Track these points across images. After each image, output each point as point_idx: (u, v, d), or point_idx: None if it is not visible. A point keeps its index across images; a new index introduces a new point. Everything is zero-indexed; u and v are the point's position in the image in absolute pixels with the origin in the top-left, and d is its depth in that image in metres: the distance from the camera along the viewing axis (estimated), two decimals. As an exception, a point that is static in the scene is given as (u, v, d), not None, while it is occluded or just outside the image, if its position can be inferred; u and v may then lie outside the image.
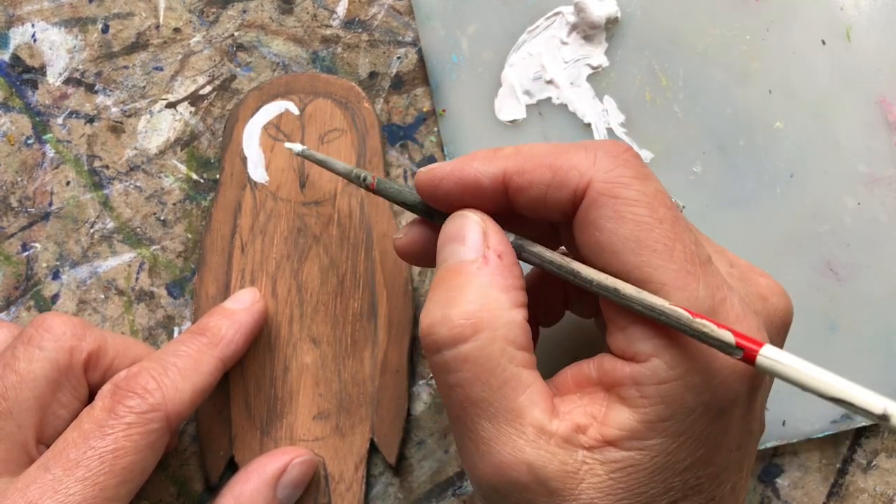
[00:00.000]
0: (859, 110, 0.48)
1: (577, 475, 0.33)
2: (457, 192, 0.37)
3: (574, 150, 0.36)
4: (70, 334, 0.42)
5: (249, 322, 0.45)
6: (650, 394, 0.33)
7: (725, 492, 0.36)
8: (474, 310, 0.34)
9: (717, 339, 0.32)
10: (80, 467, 0.38)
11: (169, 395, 0.41)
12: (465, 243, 0.36)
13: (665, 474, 0.34)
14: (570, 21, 0.49)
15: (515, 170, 0.36)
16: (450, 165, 0.37)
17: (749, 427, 0.36)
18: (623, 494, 0.33)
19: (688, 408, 0.33)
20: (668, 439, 0.33)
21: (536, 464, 0.33)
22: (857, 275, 0.48)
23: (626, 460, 0.33)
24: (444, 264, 0.37)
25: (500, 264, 0.36)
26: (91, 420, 0.40)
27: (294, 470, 0.45)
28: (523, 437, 0.34)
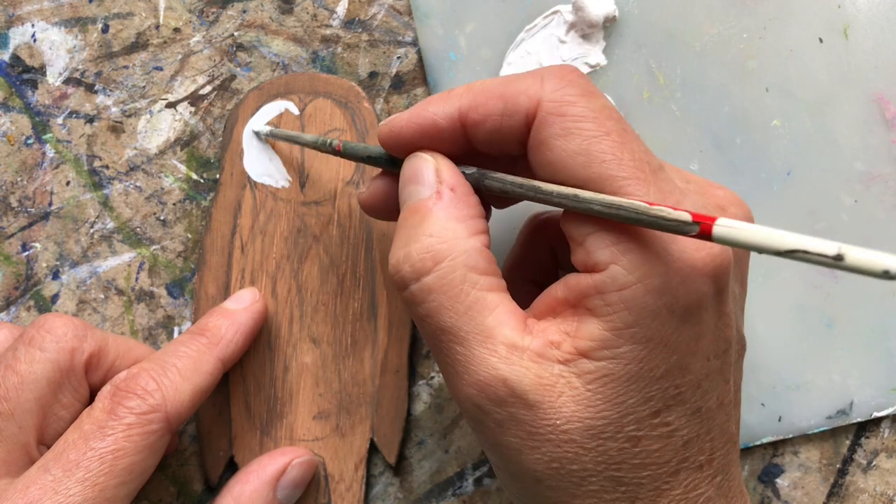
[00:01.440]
0: (857, 108, 0.48)
1: (554, 388, 0.34)
2: (417, 138, 0.38)
3: (522, 78, 0.36)
4: (71, 335, 0.42)
5: (249, 322, 0.45)
6: (613, 301, 0.33)
7: (712, 404, 0.36)
8: (432, 243, 0.35)
9: (674, 220, 0.31)
10: (80, 468, 0.38)
11: (169, 395, 0.40)
12: (420, 182, 0.37)
13: (641, 383, 0.34)
14: (568, 20, 0.48)
15: (469, 106, 0.37)
16: (407, 113, 0.38)
17: (724, 334, 0.36)
18: (602, 405, 0.34)
19: (651, 311, 0.33)
20: (638, 345, 0.33)
21: (511, 378, 0.34)
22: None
23: (600, 370, 0.34)
24: (404, 206, 0.38)
25: (454, 197, 0.36)
26: (91, 421, 0.39)
27: (294, 470, 0.44)
28: (496, 355, 0.34)
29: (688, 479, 0.35)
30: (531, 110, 0.35)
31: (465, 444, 0.47)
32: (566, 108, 0.35)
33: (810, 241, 0.28)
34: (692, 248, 0.33)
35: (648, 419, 0.34)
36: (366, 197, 0.41)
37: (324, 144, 0.43)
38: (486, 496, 0.47)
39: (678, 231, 0.31)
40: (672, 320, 0.34)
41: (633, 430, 0.34)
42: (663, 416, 0.34)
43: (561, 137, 0.35)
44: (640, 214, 0.32)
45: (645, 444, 0.34)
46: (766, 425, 0.47)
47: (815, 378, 0.47)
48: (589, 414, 0.34)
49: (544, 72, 0.36)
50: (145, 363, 0.41)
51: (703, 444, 0.35)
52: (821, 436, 0.47)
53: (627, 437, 0.34)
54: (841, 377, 0.47)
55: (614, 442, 0.34)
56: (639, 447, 0.34)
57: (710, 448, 0.36)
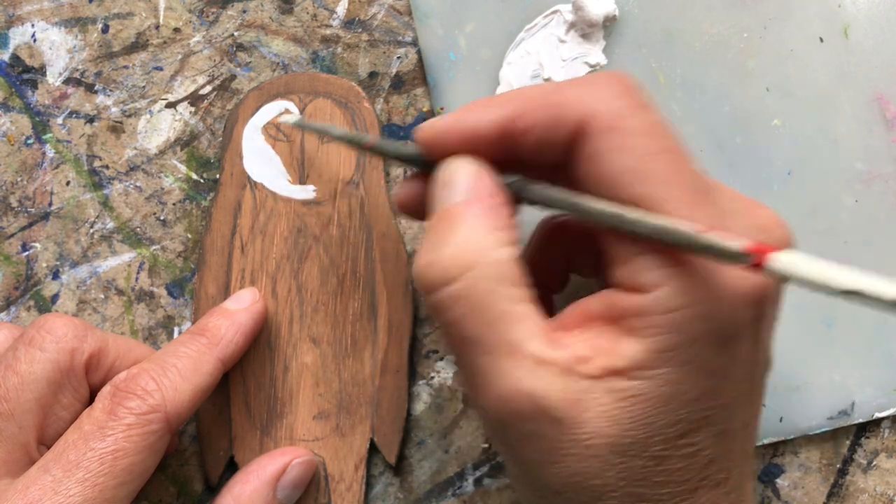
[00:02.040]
0: (857, 108, 0.48)
1: (580, 403, 0.33)
2: (458, 143, 0.37)
3: (571, 86, 0.35)
4: (72, 336, 0.41)
5: (249, 322, 0.45)
6: (657, 323, 0.32)
7: (737, 425, 0.35)
8: (461, 250, 0.34)
9: (725, 250, 0.30)
10: (80, 468, 0.38)
11: (168, 396, 0.40)
12: (454, 187, 0.36)
13: (672, 404, 0.33)
14: (568, 19, 0.48)
15: (515, 114, 0.35)
16: (449, 118, 0.37)
17: (756, 358, 0.35)
18: (629, 424, 0.33)
19: (694, 336, 0.32)
20: (675, 368, 0.32)
21: (537, 392, 0.33)
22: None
23: (632, 389, 0.32)
24: (435, 210, 0.36)
25: (488, 205, 0.35)
26: (91, 421, 0.39)
27: (294, 470, 0.44)
28: (522, 369, 0.33)
29: (705, 496, 0.34)
30: (580, 122, 0.34)
31: (465, 444, 0.47)
32: (620, 122, 0.33)
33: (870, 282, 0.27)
34: (740, 275, 0.32)
35: (675, 440, 0.33)
36: (402, 197, 0.40)
37: (355, 140, 0.43)
38: (486, 496, 0.47)
39: (730, 260, 0.31)
40: (712, 346, 0.33)
41: (658, 450, 0.33)
42: (689, 437, 0.33)
43: (614, 152, 0.33)
44: (690, 241, 0.31)
45: (669, 463, 0.33)
46: (768, 426, 0.46)
47: (816, 379, 0.47)
48: (616, 431, 0.33)
49: (595, 80, 0.35)
50: (145, 363, 0.41)
51: (724, 462, 0.35)
52: (821, 436, 0.47)
53: (652, 456, 0.33)
54: (842, 377, 0.46)
55: (639, 460, 0.33)
56: (662, 466, 0.33)
57: (729, 467, 0.35)
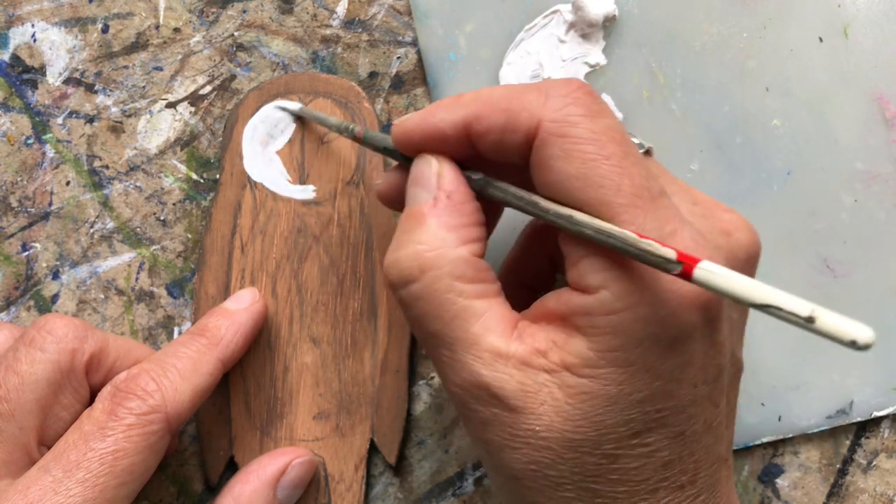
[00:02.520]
0: (856, 107, 0.48)
1: (537, 395, 0.34)
2: (425, 141, 0.38)
3: (526, 92, 0.36)
4: (72, 336, 0.41)
5: (249, 322, 0.45)
6: (600, 324, 0.33)
7: (698, 427, 0.35)
8: (420, 250, 0.35)
9: (659, 257, 0.31)
10: (81, 469, 0.38)
11: (169, 396, 0.40)
12: (421, 185, 0.37)
13: (620, 405, 0.34)
14: (567, 19, 0.48)
15: (474, 116, 0.36)
16: (417, 116, 0.38)
17: (714, 361, 0.35)
18: (581, 421, 0.34)
19: (636, 339, 0.33)
20: (619, 369, 0.33)
21: (494, 384, 0.34)
22: (854, 272, 0.47)
23: (581, 386, 0.33)
24: (407, 206, 0.38)
25: (449, 204, 0.36)
26: (91, 422, 0.39)
27: (294, 470, 0.44)
28: (479, 362, 0.34)
29: (667, 497, 0.35)
30: (532, 129, 0.35)
31: (465, 444, 0.47)
32: (567, 129, 0.34)
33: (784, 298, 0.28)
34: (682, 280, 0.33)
35: (627, 439, 0.34)
36: (382, 188, 0.41)
37: (346, 129, 0.44)
38: (486, 496, 0.47)
39: (662, 268, 0.31)
40: (657, 349, 0.33)
41: (611, 448, 0.34)
42: (643, 437, 0.34)
43: (560, 159, 0.34)
44: (628, 245, 0.32)
45: (623, 462, 0.34)
46: (766, 425, 0.46)
47: (815, 378, 0.46)
48: (568, 427, 0.34)
49: (549, 87, 0.36)
50: (145, 364, 0.41)
51: (686, 465, 0.35)
52: (821, 436, 0.47)
53: (605, 454, 0.34)
54: (840, 377, 0.46)
55: (591, 457, 0.34)
56: (616, 464, 0.34)
57: (694, 469, 0.35)
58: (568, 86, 0.35)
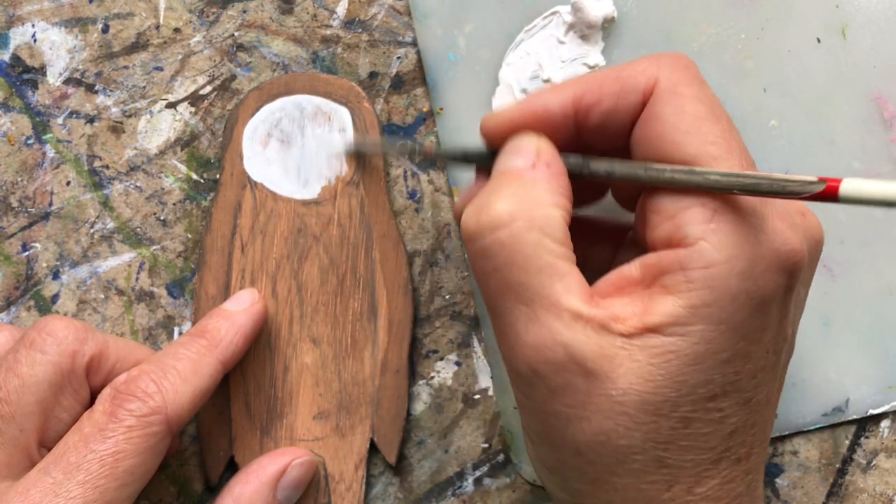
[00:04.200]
0: (855, 108, 0.47)
1: (615, 359, 0.33)
2: (526, 126, 0.38)
3: (636, 61, 0.37)
4: (73, 338, 0.41)
5: (249, 323, 0.44)
6: (696, 277, 0.33)
7: (761, 398, 0.35)
8: (514, 201, 0.35)
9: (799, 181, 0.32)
10: (81, 471, 0.37)
11: (169, 398, 0.40)
12: (518, 153, 0.37)
13: (705, 364, 0.33)
14: (567, 20, 0.47)
15: (585, 90, 0.37)
16: (517, 104, 0.38)
17: (783, 331, 0.36)
18: (662, 381, 0.33)
19: (732, 294, 0.33)
20: (711, 326, 0.33)
21: (572, 344, 0.33)
22: (851, 271, 0.47)
23: (667, 345, 0.33)
24: (496, 171, 0.37)
25: (548, 171, 0.36)
26: (91, 424, 0.39)
27: (294, 471, 0.44)
28: (559, 321, 0.33)
29: (726, 469, 0.35)
30: (648, 88, 0.36)
31: (465, 444, 0.47)
32: (682, 89, 0.35)
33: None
34: (779, 240, 0.33)
35: (704, 402, 0.33)
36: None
37: (412, 151, 0.44)
38: (486, 496, 0.46)
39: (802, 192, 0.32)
40: (748, 306, 0.33)
41: (687, 411, 0.33)
42: (719, 400, 0.34)
43: (675, 114, 0.35)
44: (761, 180, 0.32)
45: (696, 426, 0.34)
46: (764, 423, 0.46)
47: (812, 376, 0.46)
48: (648, 388, 0.33)
49: (660, 56, 0.37)
50: (145, 365, 0.41)
51: (746, 437, 0.35)
52: (820, 435, 0.47)
53: (681, 417, 0.33)
54: (837, 375, 0.46)
55: (667, 421, 0.33)
56: (689, 429, 0.34)
57: (751, 443, 0.35)
58: (679, 57, 0.37)
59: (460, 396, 0.47)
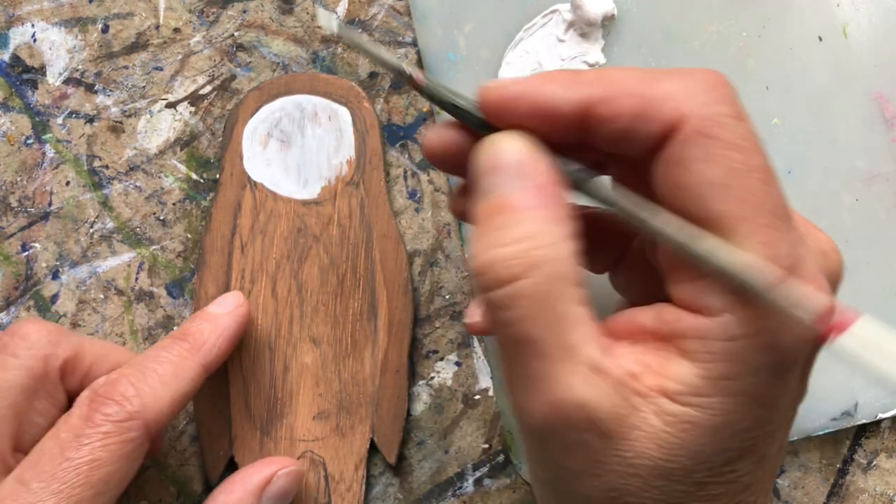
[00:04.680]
0: (857, 106, 0.47)
1: (630, 420, 0.30)
2: (528, 115, 0.33)
3: (666, 79, 0.31)
4: (45, 341, 0.40)
5: (232, 326, 0.43)
6: (716, 349, 0.30)
7: (773, 450, 0.33)
8: (526, 247, 0.31)
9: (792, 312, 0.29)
10: (56, 480, 0.37)
11: (148, 402, 0.39)
12: (510, 172, 0.32)
13: (723, 434, 0.31)
14: (566, 18, 0.47)
15: (600, 97, 0.32)
16: (523, 84, 0.33)
17: (802, 387, 0.34)
18: (677, 451, 0.31)
19: (754, 367, 0.30)
20: (730, 398, 0.30)
21: (590, 402, 0.30)
22: (855, 271, 0.46)
23: (684, 415, 0.30)
24: (487, 197, 0.32)
25: (548, 194, 0.32)
26: (68, 429, 0.38)
27: (280, 481, 0.43)
28: (577, 375, 0.30)
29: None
30: (674, 122, 0.31)
31: (465, 444, 0.46)
32: (716, 131, 0.30)
33: None
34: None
35: (720, 467, 0.31)
36: (435, 143, 0.35)
37: (399, 71, 0.35)
38: (486, 496, 0.46)
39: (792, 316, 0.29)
40: (770, 378, 0.31)
41: (701, 477, 0.31)
42: (734, 464, 0.32)
43: (703, 162, 0.30)
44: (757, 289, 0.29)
45: (710, 489, 0.32)
46: (768, 426, 0.46)
47: (820, 380, 0.44)
48: (662, 455, 0.31)
49: (693, 76, 0.31)
50: (125, 368, 0.40)
51: (759, 486, 0.33)
52: (821, 436, 0.46)
53: (695, 482, 0.31)
54: (845, 378, 0.45)
55: (681, 485, 0.31)
56: (703, 491, 0.32)
57: (758, 490, 0.34)
58: (714, 77, 0.31)
59: (460, 397, 0.46)
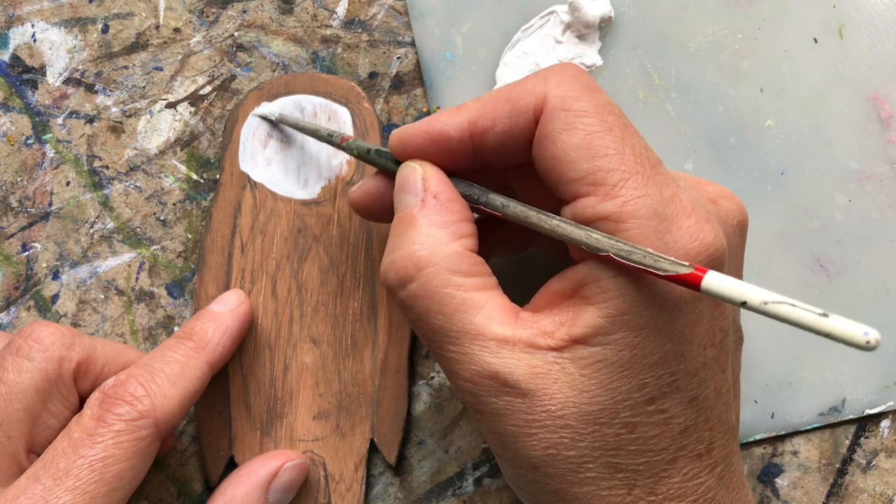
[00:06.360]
0: (851, 107, 0.46)
1: (548, 375, 0.33)
2: (426, 147, 0.38)
3: (526, 80, 0.36)
4: (59, 344, 0.40)
5: (235, 324, 0.43)
6: (608, 287, 0.33)
7: (710, 392, 0.35)
8: (414, 250, 0.35)
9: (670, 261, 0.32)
10: (70, 476, 0.37)
11: (157, 401, 0.39)
12: (408, 191, 0.37)
13: (635, 368, 0.33)
14: (564, 20, 0.47)
15: (479, 114, 0.36)
16: (418, 123, 0.38)
17: (719, 323, 0.35)
18: (596, 390, 0.33)
19: (645, 299, 0.33)
20: (631, 332, 0.33)
21: (503, 370, 0.34)
22: (847, 271, 0.46)
23: (594, 355, 0.33)
24: (395, 214, 0.38)
25: (437, 204, 0.36)
26: (80, 429, 0.38)
27: (286, 474, 0.43)
28: (486, 351, 0.34)
29: (686, 467, 0.35)
30: (538, 107, 0.35)
31: (465, 444, 0.46)
32: (570, 103, 0.35)
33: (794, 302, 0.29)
34: (687, 237, 0.33)
35: (643, 405, 0.34)
36: (357, 196, 0.41)
37: (328, 137, 0.43)
38: (486, 496, 0.45)
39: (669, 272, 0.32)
40: (666, 309, 0.33)
41: (628, 416, 0.34)
42: (658, 403, 0.34)
43: (565, 131, 0.34)
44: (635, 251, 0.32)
45: (641, 430, 0.34)
46: (759, 422, 0.45)
47: (808, 375, 0.45)
48: (584, 399, 0.33)
49: (547, 71, 0.36)
50: (133, 369, 0.40)
51: (702, 432, 0.35)
52: (820, 435, 0.46)
53: (623, 423, 0.34)
54: (833, 374, 0.45)
55: (610, 427, 0.34)
56: (635, 433, 0.34)
57: (710, 437, 0.35)
58: (564, 67, 0.36)
59: (460, 396, 0.46)
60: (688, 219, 0.34)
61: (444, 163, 0.38)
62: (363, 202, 0.41)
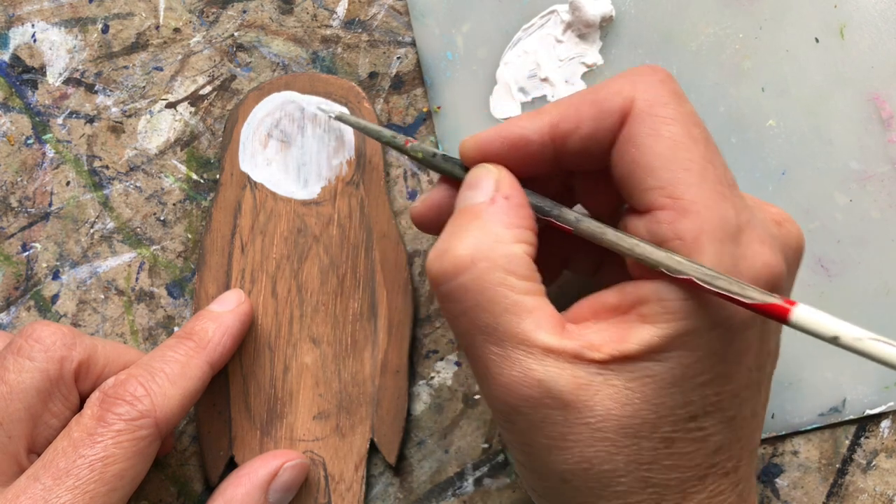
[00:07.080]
0: (852, 107, 0.46)
1: (590, 387, 0.32)
2: (503, 153, 0.36)
3: (612, 81, 0.35)
4: (60, 344, 0.40)
5: (235, 324, 0.43)
6: (674, 308, 0.32)
7: (747, 413, 0.35)
8: (474, 242, 0.34)
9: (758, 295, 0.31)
10: (70, 476, 0.36)
11: (158, 401, 0.39)
12: (477, 188, 0.36)
13: (684, 386, 0.32)
14: (565, 19, 0.47)
15: (561, 116, 0.35)
16: (495, 129, 0.37)
17: (766, 347, 0.35)
18: (640, 404, 0.32)
19: (710, 323, 0.32)
20: (687, 353, 0.32)
21: (546, 379, 0.32)
22: (848, 271, 0.46)
23: (644, 370, 0.32)
24: (457, 206, 0.36)
25: (506, 205, 0.35)
26: (80, 428, 0.38)
27: (286, 474, 0.42)
28: (531, 357, 0.33)
29: (713, 484, 0.34)
30: (625, 109, 0.34)
31: (465, 444, 0.45)
32: (657, 109, 0.34)
33: None
34: (760, 264, 0.32)
35: (685, 422, 0.33)
36: (421, 210, 0.39)
37: (391, 139, 0.41)
38: (486, 496, 0.45)
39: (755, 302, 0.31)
40: (727, 333, 0.32)
41: (668, 431, 0.33)
42: (700, 420, 0.33)
43: (650, 137, 0.33)
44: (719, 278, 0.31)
45: (678, 445, 0.33)
46: (760, 422, 0.45)
47: (808, 376, 0.45)
48: (626, 412, 0.32)
49: (635, 73, 0.35)
50: (133, 369, 0.40)
51: (733, 451, 0.34)
52: (820, 435, 0.45)
53: (662, 438, 0.33)
54: (833, 375, 0.45)
55: (649, 441, 0.33)
56: (672, 449, 0.33)
57: (739, 456, 0.34)
58: (653, 70, 0.35)
59: (460, 396, 0.46)
60: (760, 245, 0.33)
61: (518, 169, 0.37)
62: (427, 215, 0.39)
